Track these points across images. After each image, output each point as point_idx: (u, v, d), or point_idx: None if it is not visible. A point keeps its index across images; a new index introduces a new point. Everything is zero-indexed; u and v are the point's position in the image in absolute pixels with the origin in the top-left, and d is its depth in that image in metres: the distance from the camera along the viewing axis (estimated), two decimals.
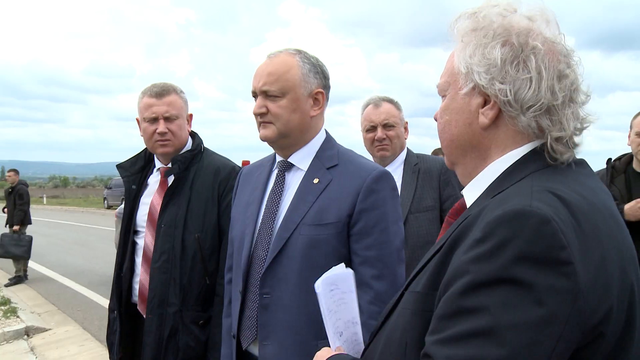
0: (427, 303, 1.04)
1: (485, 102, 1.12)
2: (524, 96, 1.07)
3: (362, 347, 1.37)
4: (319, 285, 1.34)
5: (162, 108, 2.72)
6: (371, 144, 3.21)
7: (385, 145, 3.19)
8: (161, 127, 2.72)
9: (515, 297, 0.88)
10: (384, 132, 3.17)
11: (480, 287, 0.91)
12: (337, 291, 1.33)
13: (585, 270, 0.91)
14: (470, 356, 0.88)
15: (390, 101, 3.23)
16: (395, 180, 3.06)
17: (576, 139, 1.13)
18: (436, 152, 6.04)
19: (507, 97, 1.08)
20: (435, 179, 3.17)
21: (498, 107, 1.10)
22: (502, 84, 1.08)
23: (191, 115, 2.89)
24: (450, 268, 0.99)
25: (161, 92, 2.74)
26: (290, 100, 1.97)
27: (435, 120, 1.27)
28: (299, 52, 2.03)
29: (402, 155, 3.27)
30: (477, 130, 1.14)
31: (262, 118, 2.00)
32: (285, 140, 2.02)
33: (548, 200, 0.96)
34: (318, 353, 1.31)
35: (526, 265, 0.89)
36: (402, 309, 1.11)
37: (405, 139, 3.29)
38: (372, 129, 3.20)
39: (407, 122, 3.30)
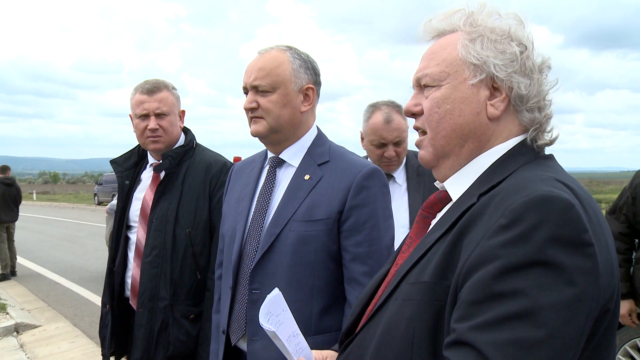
0: (436, 292, 1.06)
1: (491, 95, 1.17)
2: (530, 91, 1.15)
3: (309, 352, 1.39)
4: (263, 323, 1.33)
5: (153, 105, 2.75)
6: (379, 159, 3.02)
7: (394, 162, 3.05)
8: (152, 123, 2.74)
9: (549, 279, 0.92)
10: (394, 150, 3.01)
11: (514, 270, 0.94)
12: (272, 316, 1.35)
13: (600, 252, 0.97)
14: (513, 339, 0.91)
15: (398, 111, 3.01)
16: (400, 183, 3.01)
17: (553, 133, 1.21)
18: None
19: (522, 91, 1.14)
20: None
21: (508, 100, 1.16)
22: (519, 77, 1.15)
23: (183, 112, 2.91)
24: (466, 255, 1.01)
25: (152, 88, 2.77)
26: (281, 95, 1.97)
27: (407, 113, 1.27)
28: (290, 48, 2.04)
29: (403, 159, 3.13)
30: (484, 121, 1.17)
31: (253, 113, 2.00)
32: (276, 136, 2.03)
33: (562, 187, 1.01)
34: None
35: (557, 247, 0.93)
36: (405, 300, 1.11)
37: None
38: (382, 145, 3.01)
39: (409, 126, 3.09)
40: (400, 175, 3.10)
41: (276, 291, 1.41)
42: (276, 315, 1.37)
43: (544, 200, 0.96)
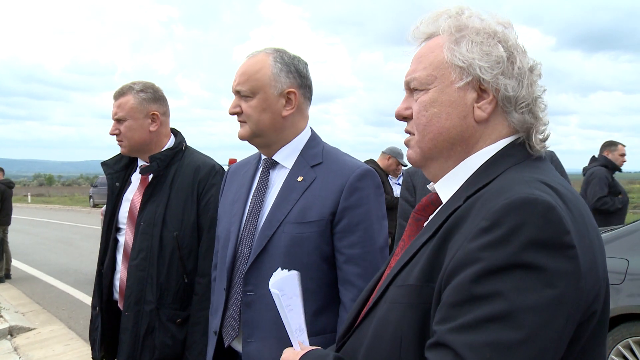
0: (422, 295, 1.06)
1: (479, 97, 1.16)
2: (518, 93, 1.14)
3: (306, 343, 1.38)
4: (274, 286, 1.31)
5: (113, 110, 2.80)
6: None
7: None
8: (111, 128, 2.81)
9: (528, 281, 0.92)
10: None
11: (494, 273, 0.93)
12: (284, 297, 1.32)
13: (583, 254, 0.96)
14: (490, 341, 0.91)
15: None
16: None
17: (546, 134, 1.20)
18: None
19: (508, 92, 1.13)
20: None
21: (496, 102, 1.15)
22: (506, 79, 1.14)
23: (155, 114, 2.80)
24: (449, 258, 1.01)
25: (117, 93, 2.81)
26: (260, 100, 1.98)
27: (399, 117, 1.27)
28: (276, 51, 2.04)
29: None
30: (471, 124, 1.17)
31: (238, 117, 2.03)
32: (259, 140, 2.04)
33: (544, 189, 1.01)
34: (283, 357, 1.31)
35: (537, 250, 0.93)
36: (392, 303, 1.11)
37: None
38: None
39: None
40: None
41: (294, 272, 1.35)
42: (288, 297, 1.32)
43: (524, 203, 0.96)
